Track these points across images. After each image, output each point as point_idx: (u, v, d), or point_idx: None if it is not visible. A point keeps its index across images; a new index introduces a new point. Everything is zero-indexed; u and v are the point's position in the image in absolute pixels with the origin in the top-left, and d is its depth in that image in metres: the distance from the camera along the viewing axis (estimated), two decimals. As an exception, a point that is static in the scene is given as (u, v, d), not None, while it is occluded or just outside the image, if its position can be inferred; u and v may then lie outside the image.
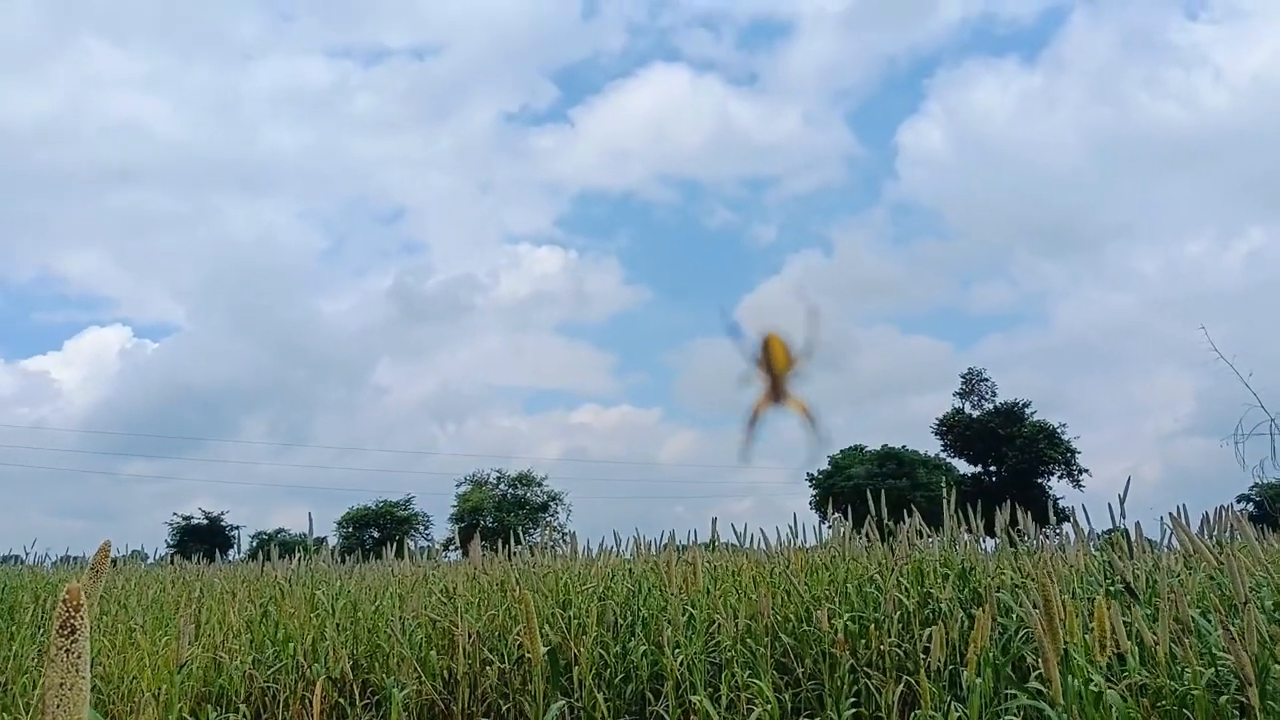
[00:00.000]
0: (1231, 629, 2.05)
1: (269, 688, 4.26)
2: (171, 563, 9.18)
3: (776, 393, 1.57)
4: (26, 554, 9.00)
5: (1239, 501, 27.90)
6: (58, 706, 0.75)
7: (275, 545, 7.69)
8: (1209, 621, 2.68)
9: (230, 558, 10.63)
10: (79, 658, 0.75)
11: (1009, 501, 5.15)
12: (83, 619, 0.75)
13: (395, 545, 7.93)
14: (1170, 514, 3.61)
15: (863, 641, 4.04)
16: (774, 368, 1.52)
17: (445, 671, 4.36)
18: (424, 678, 4.22)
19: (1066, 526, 5.49)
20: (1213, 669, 2.37)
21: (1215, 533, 3.90)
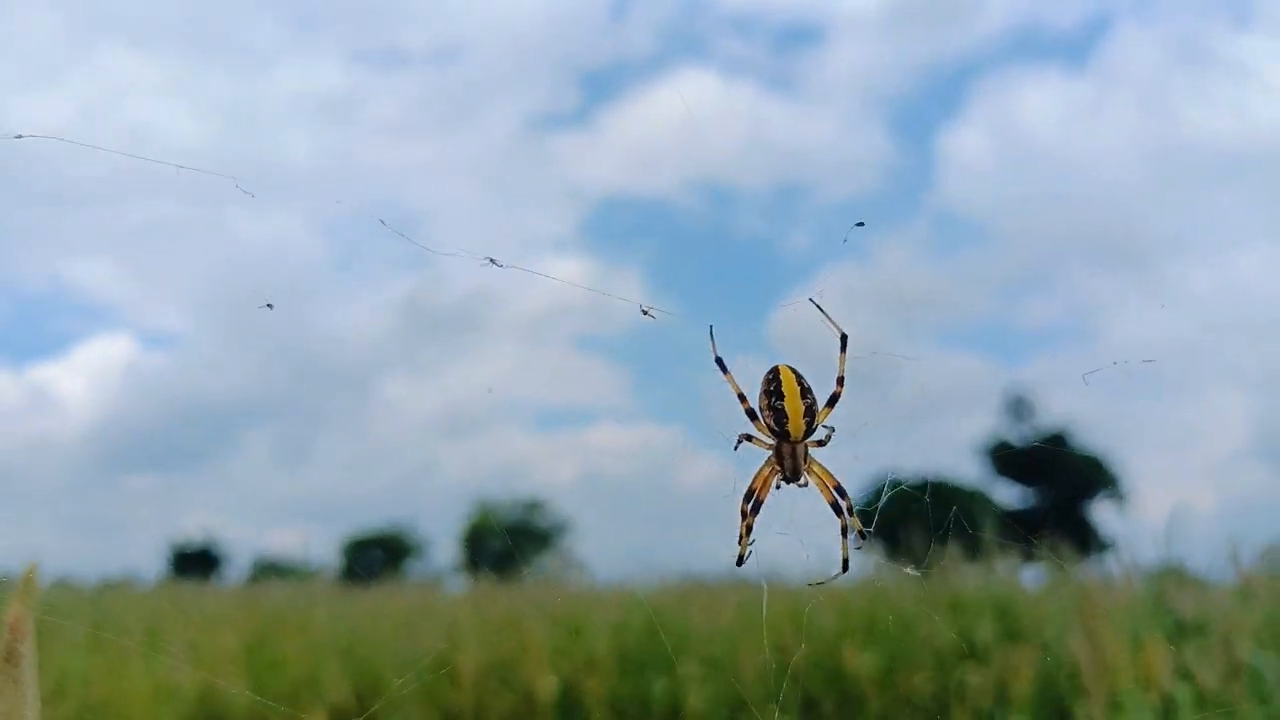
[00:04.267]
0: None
1: (266, 715, 4.28)
2: (171, 584, 9.25)
3: (793, 458, 1.45)
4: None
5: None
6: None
7: (274, 572, 7.76)
8: (1265, 660, 2.64)
9: (224, 579, 10.72)
10: (25, 686, 0.76)
11: (1053, 532, 5.11)
12: (28, 647, 0.75)
13: (400, 571, 7.97)
14: (1223, 545, 3.57)
15: (894, 679, 4.01)
16: (789, 416, 1.41)
17: (449, 705, 4.36)
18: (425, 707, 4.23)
19: (1112, 558, 5.44)
20: (1264, 708, 2.34)
21: (1271, 566, 3.85)
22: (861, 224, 1.44)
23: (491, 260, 1.34)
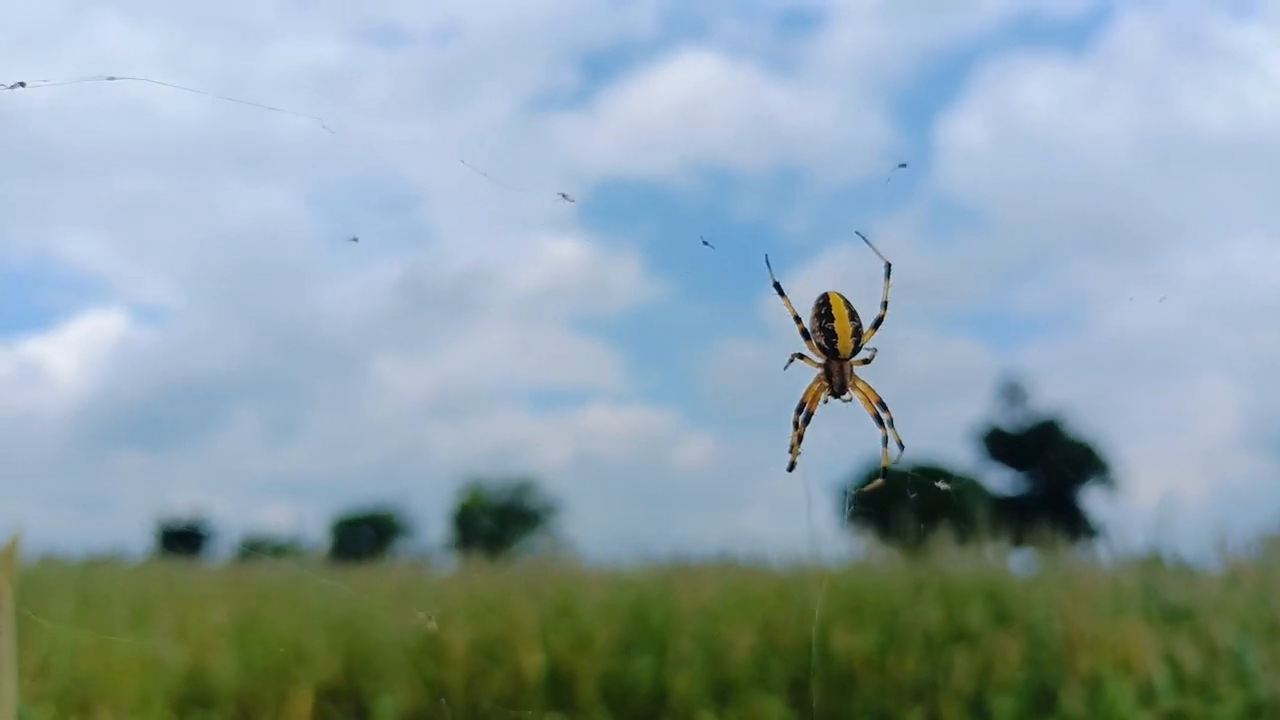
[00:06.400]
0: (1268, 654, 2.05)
1: (255, 691, 4.30)
2: (158, 561, 9.26)
3: (840, 375, 1.57)
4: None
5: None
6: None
7: (262, 550, 7.78)
8: (1248, 645, 2.68)
9: (211, 556, 10.73)
10: (2, 655, 0.75)
11: (1043, 518, 5.15)
12: (7, 619, 0.75)
13: (390, 549, 8.00)
14: (1212, 533, 3.60)
15: (883, 662, 4.05)
16: (839, 337, 1.54)
17: (437, 682, 4.39)
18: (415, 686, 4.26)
19: (1101, 544, 5.48)
20: (1243, 692, 2.37)
21: (1258, 554, 3.88)
22: (904, 165, 1.48)
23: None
